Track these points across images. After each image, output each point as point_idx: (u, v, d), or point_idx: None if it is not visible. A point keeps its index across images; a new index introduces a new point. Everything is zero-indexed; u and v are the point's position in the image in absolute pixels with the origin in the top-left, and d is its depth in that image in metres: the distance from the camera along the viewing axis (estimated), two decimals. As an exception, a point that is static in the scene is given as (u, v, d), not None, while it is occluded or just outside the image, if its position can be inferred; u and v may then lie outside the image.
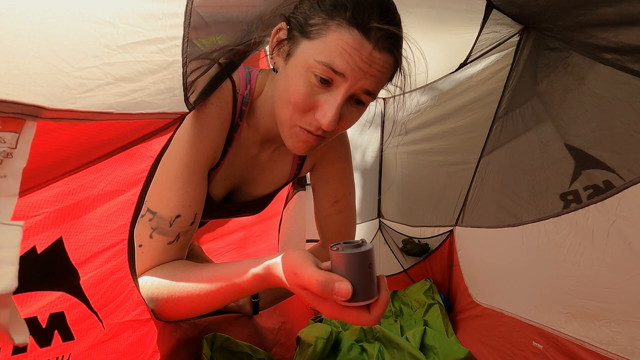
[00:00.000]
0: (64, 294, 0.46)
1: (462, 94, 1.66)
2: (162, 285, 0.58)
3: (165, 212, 0.60)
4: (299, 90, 0.57)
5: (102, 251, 0.49)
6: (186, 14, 0.41)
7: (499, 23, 1.36)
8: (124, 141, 0.46)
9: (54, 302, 0.45)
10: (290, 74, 0.59)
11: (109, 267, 0.50)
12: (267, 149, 0.77)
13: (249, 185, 0.79)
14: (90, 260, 0.48)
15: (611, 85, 0.92)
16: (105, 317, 0.51)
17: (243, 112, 0.67)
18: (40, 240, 0.43)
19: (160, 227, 0.60)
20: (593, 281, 0.92)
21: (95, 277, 0.49)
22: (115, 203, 0.49)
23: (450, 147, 1.79)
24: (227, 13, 0.50)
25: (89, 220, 0.46)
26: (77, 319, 0.47)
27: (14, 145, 0.36)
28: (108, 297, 0.51)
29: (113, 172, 0.47)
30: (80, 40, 0.38)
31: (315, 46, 0.56)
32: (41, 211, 0.42)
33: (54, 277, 0.45)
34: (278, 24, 0.61)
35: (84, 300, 0.48)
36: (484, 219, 1.60)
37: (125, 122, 0.46)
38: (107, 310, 0.51)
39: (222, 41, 0.51)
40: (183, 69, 0.44)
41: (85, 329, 0.49)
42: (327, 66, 0.55)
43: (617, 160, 0.88)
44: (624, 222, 0.83)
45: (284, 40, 0.61)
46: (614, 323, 0.85)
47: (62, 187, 0.43)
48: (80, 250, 0.46)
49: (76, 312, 0.47)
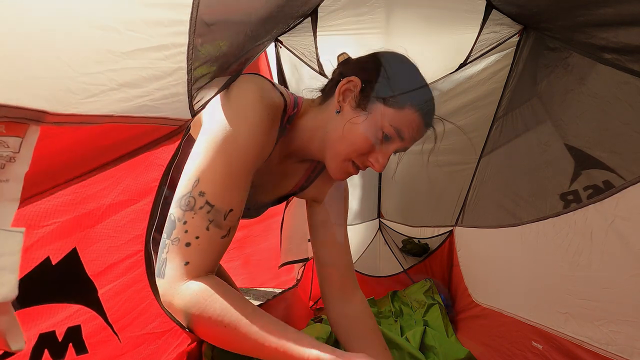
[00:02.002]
0: (82, 307, 0.45)
1: (462, 94, 1.66)
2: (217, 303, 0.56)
3: (222, 205, 0.60)
4: (367, 139, 0.71)
5: (118, 262, 0.48)
6: (191, 21, 0.41)
7: (499, 23, 1.36)
8: (129, 148, 0.46)
9: (73, 315, 0.45)
10: (361, 123, 0.71)
11: (126, 279, 0.50)
12: (285, 162, 0.84)
13: (256, 191, 0.82)
14: (106, 272, 0.47)
15: (611, 86, 0.92)
16: (121, 330, 0.50)
17: (284, 129, 0.75)
18: (54, 251, 0.42)
19: (216, 220, 0.60)
20: (592, 281, 0.92)
21: (113, 289, 0.48)
22: (128, 212, 0.49)
23: (450, 147, 1.80)
24: (230, 18, 0.50)
25: (102, 230, 0.46)
26: (93, 332, 0.47)
27: (17, 150, 0.36)
28: (125, 309, 0.50)
29: (123, 180, 0.47)
30: (84, 46, 0.38)
31: (392, 113, 0.71)
32: (53, 221, 0.42)
33: (71, 289, 0.44)
34: (351, 77, 0.73)
35: (102, 313, 0.47)
36: (484, 219, 1.60)
37: (127, 126, 0.45)
38: (124, 322, 0.50)
39: (225, 46, 0.51)
40: (188, 75, 0.44)
41: (100, 342, 0.48)
42: (397, 131, 0.72)
43: (617, 160, 0.88)
44: (622, 222, 0.83)
45: (356, 93, 0.73)
46: (613, 323, 0.85)
47: (71, 195, 0.43)
48: (95, 261, 0.46)
49: (92, 325, 0.46)
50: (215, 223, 0.60)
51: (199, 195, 0.58)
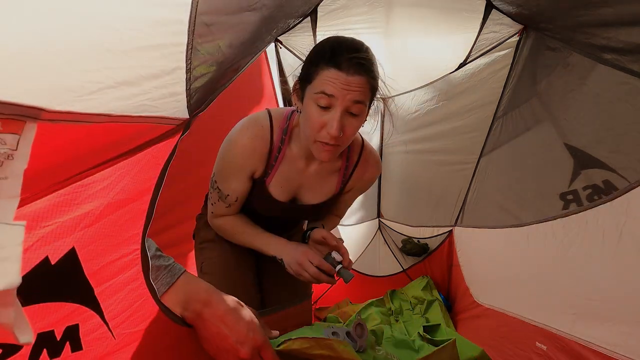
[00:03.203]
0: (80, 306, 0.45)
1: (461, 94, 1.66)
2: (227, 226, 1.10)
3: (223, 190, 1.02)
4: (311, 116, 0.85)
5: (114, 261, 0.48)
6: (190, 20, 0.41)
7: (499, 23, 1.36)
8: (127, 147, 0.46)
9: (71, 314, 0.45)
10: (305, 109, 0.88)
11: (123, 278, 0.50)
12: (313, 164, 1.05)
13: (307, 193, 1.09)
14: (103, 270, 0.47)
15: (612, 85, 0.92)
16: (116, 327, 0.50)
17: (283, 140, 0.99)
18: (53, 251, 0.42)
19: (222, 197, 1.03)
20: (603, 282, 0.91)
21: (110, 288, 0.48)
22: (125, 211, 0.48)
23: (450, 147, 1.79)
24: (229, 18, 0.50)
25: (100, 230, 0.46)
26: (89, 330, 0.47)
27: (14, 147, 0.36)
28: (122, 307, 0.50)
29: (122, 180, 0.47)
30: (82, 44, 0.38)
31: (313, 85, 0.84)
32: (53, 221, 0.42)
33: (70, 289, 0.44)
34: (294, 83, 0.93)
35: (99, 311, 0.48)
36: (485, 219, 1.60)
37: (125, 125, 0.45)
38: (119, 320, 0.50)
39: (225, 45, 0.50)
40: (187, 75, 0.44)
41: (95, 340, 0.48)
42: (323, 94, 0.82)
43: (623, 160, 0.88)
44: (635, 223, 0.82)
45: (298, 89, 0.91)
46: (624, 324, 0.84)
47: (70, 195, 0.43)
48: (93, 260, 0.46)
49: (90, 323, 0.47)
50: (221, 199, 1.03)
51: (214, 181, 1.03)
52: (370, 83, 0.85)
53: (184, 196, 1.43)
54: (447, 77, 1.68)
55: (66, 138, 0.41)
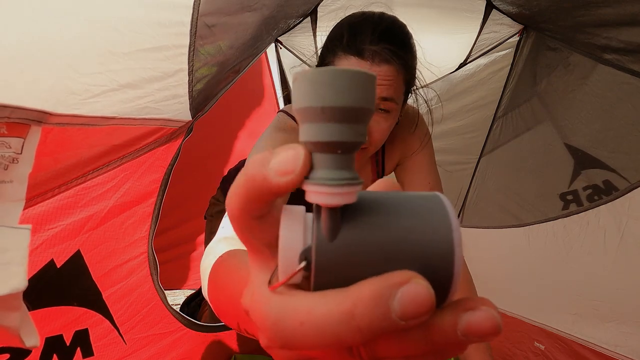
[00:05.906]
0: (88, 310, 0.45)
1: (461, 94, 1.66)
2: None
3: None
4: None
5: (122, 264, 0.48)
6: (192, 22, 0.41)
7: (499, 23, 1.36)
8: (130, 149, 0.46)
9: (79, 318, 0.45)
10: None
11: (131, 281, 0.50)
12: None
13: None
14: (110, 274, 0.47)
15: (613, 86, 0.92)
16: (127, 331, 0.50)
17: None
18: (58, 253, 0.42)
19: None
20: (604, 282, 0.91)
21: (118, 291, 0.48)
22: (130, 214, 0.48)
23: (449, 147, 1.79)
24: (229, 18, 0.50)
25: (105, 233, 0.46)
26: (100, 335, 0.47)
27: (19, 151, 0.36)
28: (132, 311, 0.50)
29: (125, 182, 0.47)
30: (85, 47, 0.38)
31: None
32: (57, 224, 0.42)
33: (77, 292, 0.44)
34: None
35: (108, 316, 0.48)
36: (485, 219, 1.60)
37: (129, 128, 0.45)
38: (130, 324, 0.50)
39: (226, 47, 0.50)
40: (189, 77, 0.44)
41: (106, 345, 0.48)
42: None
43: (624, 160, 0.88)
44: (636, 223, 0.83)
45: None
46: (625, 324, 0.85)
47: (74, 198, 0.43)
48: (100, 263, 0.46)
49: (100, 328, 0.47)
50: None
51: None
52: (403, 73, 0.67)
53: (185, 197, 1.43)
54: (447, 77, 1.68)
55: (70, 141, 0.41)
